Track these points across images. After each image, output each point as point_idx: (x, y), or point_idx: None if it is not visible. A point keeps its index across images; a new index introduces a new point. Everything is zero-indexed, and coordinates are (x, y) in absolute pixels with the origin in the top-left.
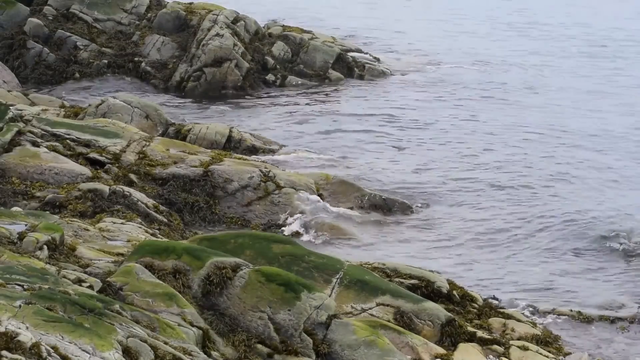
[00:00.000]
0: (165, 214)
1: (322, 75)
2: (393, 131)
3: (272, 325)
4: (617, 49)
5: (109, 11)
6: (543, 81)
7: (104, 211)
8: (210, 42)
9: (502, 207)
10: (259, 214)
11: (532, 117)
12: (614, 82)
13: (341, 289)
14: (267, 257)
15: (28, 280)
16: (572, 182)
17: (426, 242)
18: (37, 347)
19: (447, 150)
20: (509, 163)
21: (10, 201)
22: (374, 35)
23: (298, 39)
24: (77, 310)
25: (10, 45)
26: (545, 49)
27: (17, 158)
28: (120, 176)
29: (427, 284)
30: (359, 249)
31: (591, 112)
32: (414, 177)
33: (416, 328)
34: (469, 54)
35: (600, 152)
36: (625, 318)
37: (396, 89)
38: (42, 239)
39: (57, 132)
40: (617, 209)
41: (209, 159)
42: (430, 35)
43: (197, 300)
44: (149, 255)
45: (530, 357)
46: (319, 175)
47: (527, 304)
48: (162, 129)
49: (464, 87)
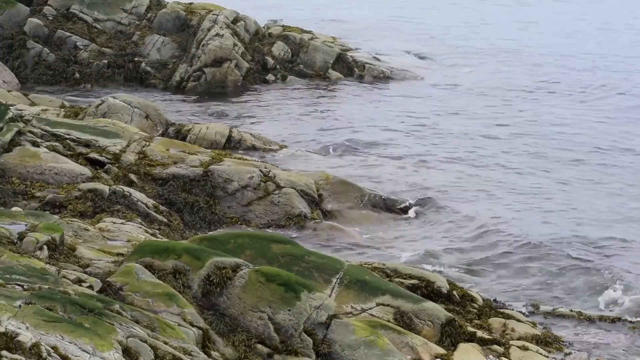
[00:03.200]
0: (165, 214)
1: (322, 75)
2: (393, 131)
3: (272, 325)
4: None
5: (109, 11)
6: (544, 81)
7: (104, 211)
8: (210, 42)
9: (503, 207)
10: (259, 214)
11: (533, 117)
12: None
13: (341, 289)
14: (267, 257)
15: (28, 281)
16: (573, 183)
17: (426, 242)
18: (37, 347)
19: (448, 150)
20: (510, 163)
21: (10, 201)
22: (373, 35)
23: (298, 39)
24: (77, 310)
25: (10, 45)
26: (550, 47)
27: (17, 158)
28: (120, 176)
29: (427, 284)
30: (358, 249)
31: (597, 109)
32: (414, 177)
33: (416, 328)
34: (469, 53)
35: (601, 152)
36: (625, 318)
37: (396, 88)
38: (42, 239)
39: (57, 132)
40: (618, 209)
41: (209, 159)
42: (431, 35)
43: (197, 300)
44: (149, 255)
45: (530, 357)
46: (319, 175)
47: (527, 304)
48: (162, 129)
49: (464, 87)
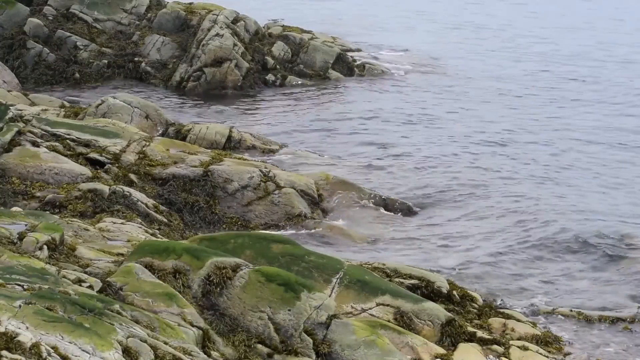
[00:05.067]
0: (165, 214)
1: (322, 75)
2: (393, 130)
3: (272, 325)
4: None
5: (109, 11)
6: (543, 81)
7: (104, 211)
8: (210, 42)
9: (503, 208)
10: (259, 214)
11: (533, 117)
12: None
13: (341, 289)
14: (267, 257)
15: (28, 280)
16: (573, 184)
17: (426, 242)
18: (37, 347)
19: (448, 150)
20: (510, 163)
21: (10, 201)
22: (373, 35)
23: (298, 39)
24: (77, 310)
25: (10, 45)
26: (550, 47)
27: (17, 158)
28: (120, 176)
29: (427, 284)
30: (358, 249)
31: (591, 112)
32: (415, 176)
33: (416, 328)
34: (469, 53)
35: (603, 152)
36: (625, 318)
37: (396, 88)
38: (42, 239)
39: (57, 132)
40: (618, 210)
41: (209, 159)
42: (430, 35)
43: (197, 300)
44: (149, 255)
45: (530, 357)
46: (319, 175)
47: (527, 304)
48: (162, 129)
49: (464, 87)
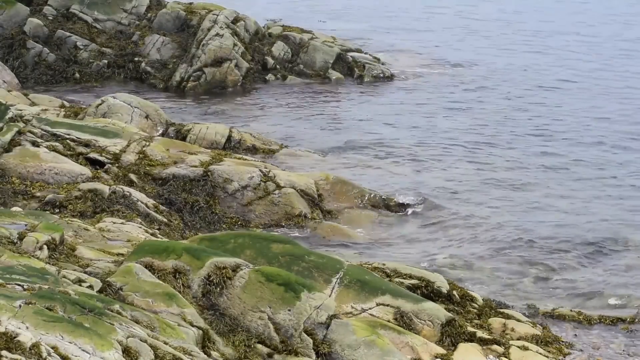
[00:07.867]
0: (165, 214)
1: (322, 76)
2: (393, 131)
3: (272, 325)
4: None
5: (109, 11)
6: (543, 81)
7: (104, 211)
8: (210, 42)
9: (503, 207)
10: (259, 214)
11: (533, 117)
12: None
13: (341, 289)
14: (267, 257)
15: (28, 280)
16: (573, 184)
17: (426, 241)
18: (37, 347)
19: (447, 150)
20: (510, 163)
21: (10, 201)
22: (373, 35)
23: (298, 39)
24: (77, 310)
25: (10, 45)
26: (549, 50)
27: (17, 158)
28: (120, 176)
29: (427, 284)
30: (358, 249)
31: (596, 107)
32: (414, 176)
33: (416, 328)
34: (469, 53)
35: (604, 152)
36: (625, 318)
37: (396, 89)
38: (42, 239)
39: (57, 132)
40: (618, 210)
41: (209, 159)
42: (430, 35)
43: (197, 300)
44: (149, 255)
45: (530, 357)
46: (319, 175)
47: (527, 304)
48: (162, 129)
49: (464, 87)
